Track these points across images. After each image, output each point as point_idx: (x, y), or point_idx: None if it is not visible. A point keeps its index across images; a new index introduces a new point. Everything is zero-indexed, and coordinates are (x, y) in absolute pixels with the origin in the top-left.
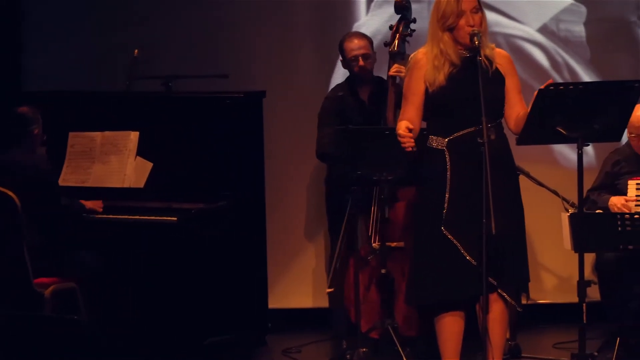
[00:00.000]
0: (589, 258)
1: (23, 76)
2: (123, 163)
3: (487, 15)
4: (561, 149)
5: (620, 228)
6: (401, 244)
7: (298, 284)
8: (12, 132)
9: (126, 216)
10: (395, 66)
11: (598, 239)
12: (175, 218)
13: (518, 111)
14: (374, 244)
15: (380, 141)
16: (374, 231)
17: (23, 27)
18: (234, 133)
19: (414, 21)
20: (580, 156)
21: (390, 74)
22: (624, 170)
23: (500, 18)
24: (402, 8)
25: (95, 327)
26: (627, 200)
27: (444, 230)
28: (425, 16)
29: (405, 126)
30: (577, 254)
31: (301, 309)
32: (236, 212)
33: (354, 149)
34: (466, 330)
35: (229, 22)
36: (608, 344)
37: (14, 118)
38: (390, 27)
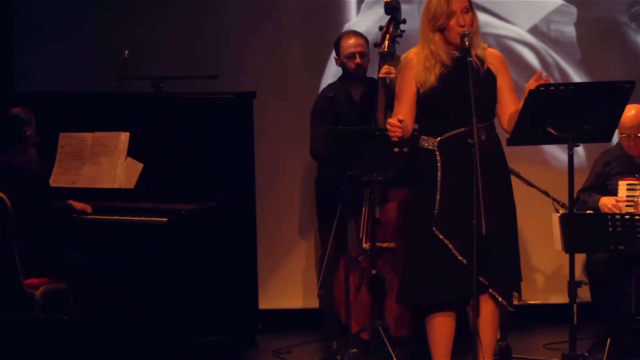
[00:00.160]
0: (580, 259)
1: (13, 76)
2: (113, 164)
3: (478, 16)
4: (552, 150)
5: (610, 229)
6: (392, 245)
7: (288, 285)
8: (5, 134)
9: (116, 217)
10: (385, 67)
11: (589, 240)
12: (165, 219)
13: (510, 110)
14: (365, 245)
15: (370, 142)
16: (365, 232)
17: (13, 28)
18: (225, 134)
19: (404, 22)
20: (570, 157)
21: (380, 76)
22: (615, 170)
23: (490, 19)
24: (392, 9)
25: (85, 328)
26: (618, 200)
27: (435, 230)
28: (415, 17)
29: (397, 118)
30: (568, 255)
31: (291, 310)
32: (227, 213)
33: (345, 150)
34: (457, 330)
35: (220, 23)
36: (599, 345)
37: (7, 119)
38: (380, 28)
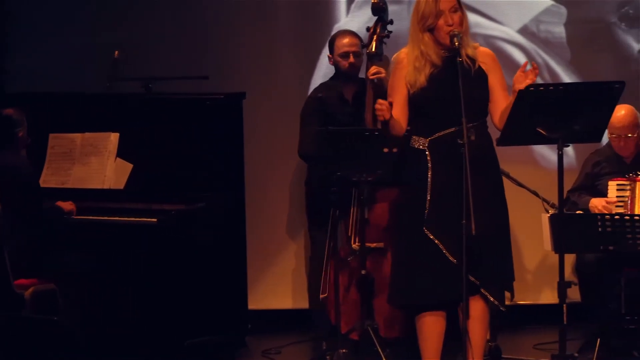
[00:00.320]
0: (570, 259)
1: (4, 77)
2: (103, 164)
3: (467, 16)
4: (541, 150)
5: (600, 229)
6: (381, 245)
7: (278, 285)
8: None
9: (106, 217)
10: (374, 67)
11: (578, 240)
12: (155, 219)
13: (502, 107)
14: (354, 245)
15: (360, 142)
16: (354, 232)
17: (5, 29)
18: (214, 134)
19: (391, 22)
20: (560, 157)
21: (368, 76)
22: (605, 171)
23: (480, 19)
24: (379, 10)
25: (74, 328)
26: (608, 202)
27: (426, 230)
28: (404, 17)
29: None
30: (558, 255)
31: (281, 310)
32: (216, 213)
33: (334, 150)
34: (447, 330)
35: (210, 24)
36: (588, 345)
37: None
38: (367, 29)
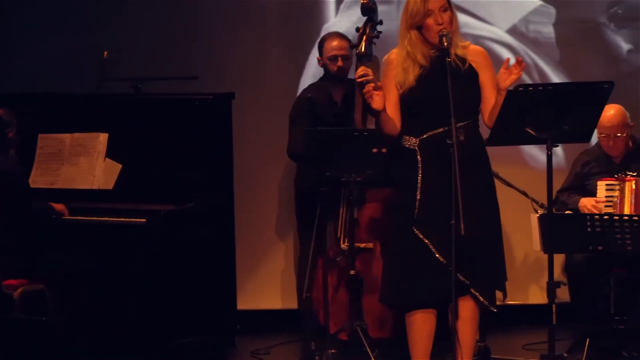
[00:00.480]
0: (559, 259)
1: None
2: (92, 164)
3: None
4: (530, 150)
5: (589, 229)
6: (370, 245)
7: (267, 285)
8: None
9: (95, 218)
10: (361, 69)
11: (568, 240)
12: (144, 219)
13: (492, 106)
14: (343, 245)
15: (349, 142)
16: (343, 232)
17: None
18: (203, 134)
19: (381, 23)
20: (549, 157)
21: (356, 78)
22: (594, 170)
23: (469, 19)
24: (368, 10)
25: (63, 328)
26: (597, 201)
27: (416, 230)
28: (394, 17)
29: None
30: (547, 255)
31: (270, 310)
32: (205, 213)
33: (323, 150)
34: (437, 329)
35: (199, 24)
36: (578, 345)
37: None
38: (356, 29)
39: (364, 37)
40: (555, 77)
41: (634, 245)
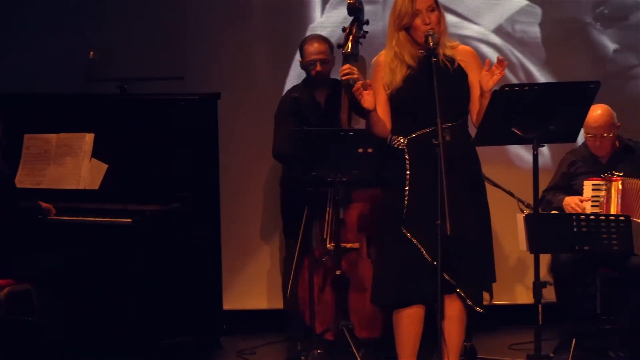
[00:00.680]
0: (545, 259)
1: None
2: (78, 165)
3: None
4: (517, 150)
5: (576, 229)
6: (356, 245)
7: (253, 285)
8: None
9: (81, 218)
10: (346, 66)
11: (554, 240)
12: (130, 219)
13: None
14: (329, 245)
15: (334, 142)
16: (329, 232)
17: None
18: (189, 135)
19: (367, 23)
20: (535, 157)
21: (342, 76)
22: (580, 170)
23: (455, 19)
24: (355, 10)
25: (49, 328)
26: (582, 200)
27: (404, 229)
28: (380, 17)
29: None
30: (533, 255)
31: (256, 310)
32: (191, 213)
33: (309, 150)
34: (424, 329)
35: (184, 24)
36: (564, 345)
37: None
38: (343, 30)
39: (351, 37)
40: (541, 77)
41: (620, 245)
